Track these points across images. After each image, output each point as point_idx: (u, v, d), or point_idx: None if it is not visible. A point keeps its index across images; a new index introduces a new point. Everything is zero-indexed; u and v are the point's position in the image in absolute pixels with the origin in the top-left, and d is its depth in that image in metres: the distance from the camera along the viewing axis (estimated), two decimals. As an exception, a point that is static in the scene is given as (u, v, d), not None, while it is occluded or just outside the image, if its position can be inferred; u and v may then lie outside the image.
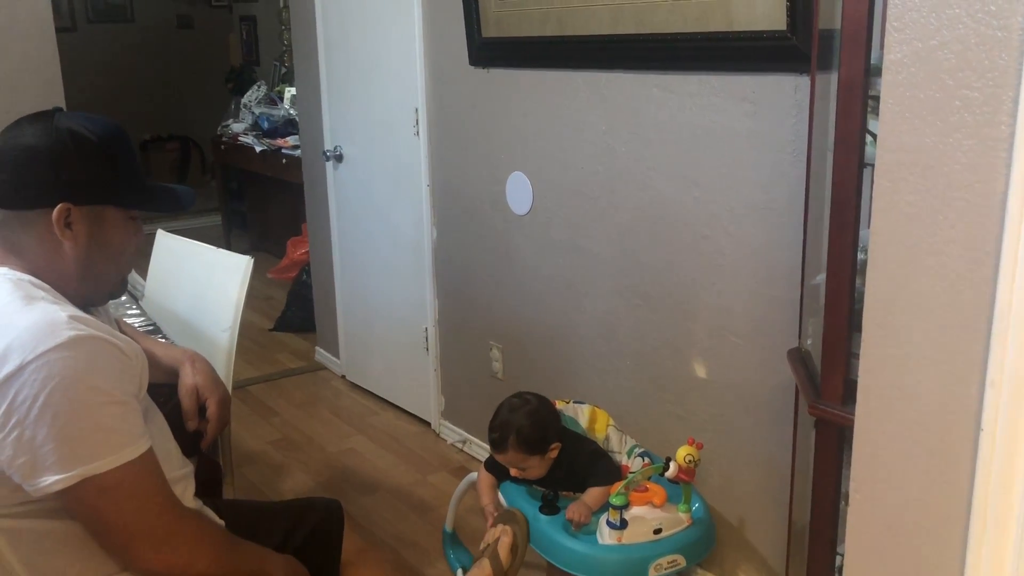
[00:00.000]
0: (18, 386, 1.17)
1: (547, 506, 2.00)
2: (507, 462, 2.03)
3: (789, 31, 1.83)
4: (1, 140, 1.33)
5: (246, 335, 4.44)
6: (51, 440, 1.17)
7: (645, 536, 1.89)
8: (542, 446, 2.00)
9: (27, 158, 1.30)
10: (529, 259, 2.75)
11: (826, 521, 1.58)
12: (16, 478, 1.19)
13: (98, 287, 1.42)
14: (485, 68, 2.76)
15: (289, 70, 5.53)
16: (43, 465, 1.18)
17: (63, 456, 1.18)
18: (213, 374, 1.68)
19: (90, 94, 5.96)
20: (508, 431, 2.00)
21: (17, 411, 1.17)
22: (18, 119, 1.35)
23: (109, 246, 1.38)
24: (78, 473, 1.18)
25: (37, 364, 1.17)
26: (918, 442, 1.05)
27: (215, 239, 5.51)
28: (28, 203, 1.30)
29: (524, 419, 2.01)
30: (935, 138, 0.97)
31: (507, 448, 2.00)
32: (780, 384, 2.03)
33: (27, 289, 1.28)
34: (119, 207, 1.38)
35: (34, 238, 1.31)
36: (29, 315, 1.22)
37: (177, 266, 2.36)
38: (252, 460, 3.20)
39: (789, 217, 1.95)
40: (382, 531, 2.72)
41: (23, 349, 1.18)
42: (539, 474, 2.04)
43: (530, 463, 2.01)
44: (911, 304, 1.02)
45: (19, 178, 1.30)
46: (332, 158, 3.65)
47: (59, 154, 1.30)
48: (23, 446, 1.17)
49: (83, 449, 1.19)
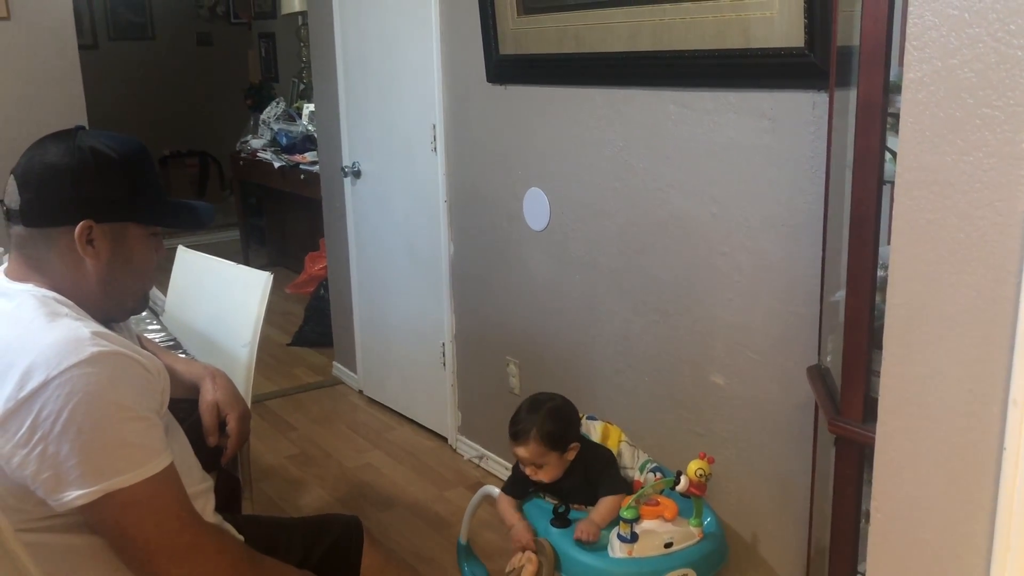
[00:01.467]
0: (42, 401, 1.18)
1: (558, 519, 2.00)
2: (525, 457, 2.02)
3: (807, 48, 1.84)
4: (25, 159, 1.34)
5: (264, 350, 4.44)
6: (74, 455, 1.18)
7: (656, 550, 1.89)
8: (562, 443, 2.00)
9: (50, 176, 1.31)
10: (546, 275, 2.75)
11: (846, 540, 1.57)
12: (40, 493, 1.20)
13: (120, 303, 1.43)
14: (502, 85, 2.78)
15: (307, 86, 5.58)
16: (66, 480, 1.19)
17: (86, 472, 1.19)
18: (234, 390, 1.69)
19: (111, 110, 6.03)
20: (531, 423, 2.00)
21: (41, 426, 1.18)
22: (41, 138, 1.37)
23: (131, 262, 1.39)
24: (100, 488, 1.19)
25: (61, 380, 1.18)
26: (940, 461, 1.04)
27: (234, 254, 5.56)
28: (51, 220, 1.32)
29: (548, 413, 2.02)
30: (955, 156, 0.97)
31: (528, 440, 2.00)
32: (799, 401, 2.02)
33: (51, 306, 1.29)
34: (140, 224, 1.39)
35: (57, 255, 1.33)
36: (53, 331, 1.24)
37: (197, 282, 2.38)
38: (270, 475, 3.21)
39: (807, 233, 1.95)
40: (399, 547, 2.71)
41: (47, 365, 1.19)
42: (554, 475, 2.03)
43: (548, 460, 2.01)
44: (932, 322, 1.02)
45: (43, 196, 1.31)
46: (350, 174, 3.67)
47: (81, 172, 1.32)
48: (47, 461, 1.18)
49: (106, 464, 1.20)
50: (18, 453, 1.18)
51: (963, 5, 0.94)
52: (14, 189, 1.32)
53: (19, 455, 1.18)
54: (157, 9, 7.46)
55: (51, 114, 3.33)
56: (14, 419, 1.18)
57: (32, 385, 1.18)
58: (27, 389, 1.18)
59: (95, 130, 1.40)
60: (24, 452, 1.18)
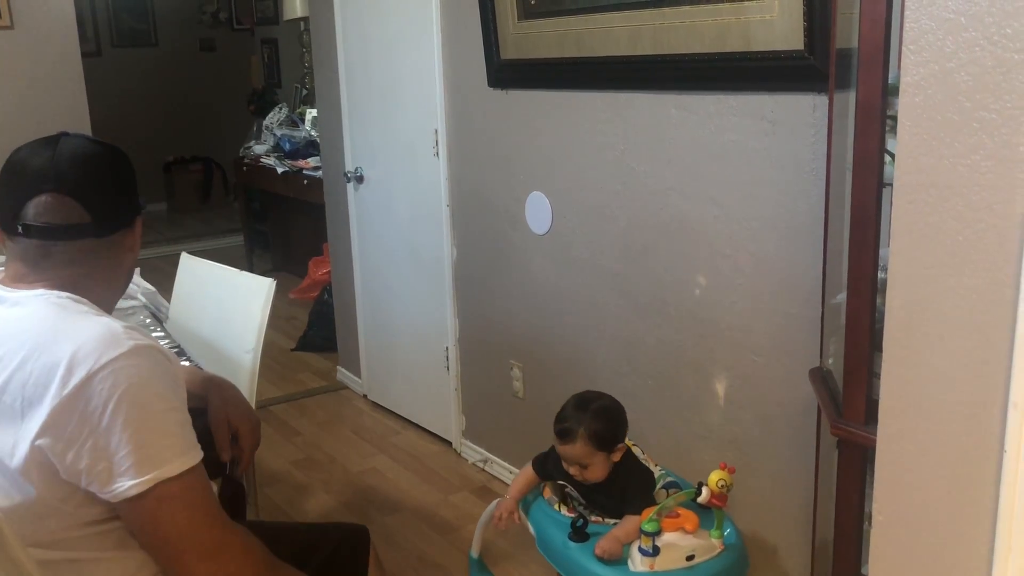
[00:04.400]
0: (88, 395, 1.19)
1: (576, 534, 1.96)
2: (572, 456, 1.96)
3: (807, 51, 1.84)
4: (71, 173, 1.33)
5: (268, 355, 4.45)
6: (124, 446, 1.20)
7: (678, 563, 1.83)
8: (610, 444, 1.95)
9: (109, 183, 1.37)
10: (549, 278, 2.75)
11: (849, 542, 1.57)
12: (94, 487, 1.22)
13: (122, 290, 1.49)
14: (504, 89, 2.78)
15: (310, 92, 5.59)
16: (119, 471, 1.20)
17: (137, 461, 1.20)
18: (242, 401, 1.69)
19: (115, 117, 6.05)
20: (579, 423, 1.93)
21: (90, 420, 1.19)
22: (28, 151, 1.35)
23: (135, 249, 1.46)
24: (152, 477, 1.21)
25: (104, 373, 1.20)
26: (941, 464, 1.04)
27: (237, 260, 5.57)
28: (122, 224, 1.39)
29: (596, 412, 1.95)
30: (953, 159, 0.98)
31: (575, 439, 1.93)
32: (802, 404, 2.02)
33: (72, 305, 1.31)
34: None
35: (111, 256, 1.38)
36: (87, 327, 1.26)
37: (201, 288, 2.39)
38: (275, 480, 3.22)
39: (809, 236, 1.95)
40: (404, 551, 2.72)
41: (88, 359, 1.20)
42: (600, 476, 1.97)
43: (595, 461, 1.95)
44: (932, 325, 1.02)
45: (111, 204, 1.37)
46: (353, 179, 3.68)
47: (125, 171, 1.40)
48: (99, 453, 1.20)
49: (154, 453, 1.22)
50: (71, 449, 1.20)
51: (959, 9, 0.94)
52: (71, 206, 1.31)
53: (72, 451, 1.20)
54: (160, 16, 7.48)
55: (54, 121, 3.34)
56: (63, 416, 1.20)
57: (76, 380, 1.20)
58: (72, 385, 1.19)
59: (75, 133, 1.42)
60: (77, 447, 1.20)
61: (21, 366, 1.23)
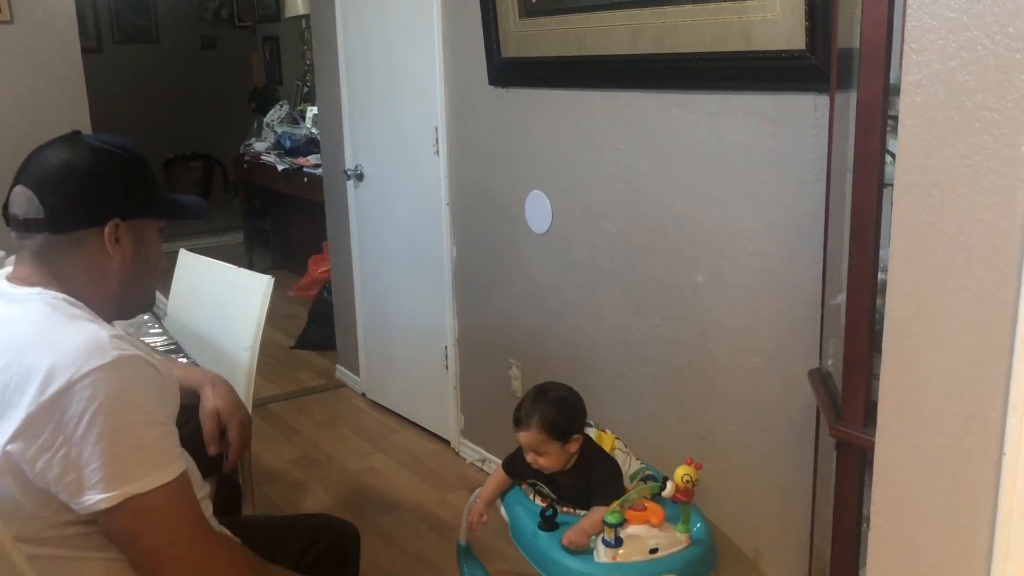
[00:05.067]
0: (65, 404, 1.17)
1: (546, 523, 2.00)
2: (527, 443, 2.02)
3: (808, 50, 1.83)
4: (35, 167, 1.34)
5: (267, 353, 4.45)
6: (96, 459, 1.18)
7: (641, 555, 1.88)
8: (565, 433, 2.00)
9: (71, 179, 1.32)
10: (548, 278, 2.75)
11: (848, 545, 1.56)
12: (63, 497, 1.20)
13: (137, 300, 1.45)
14: (504, 88, 2.78)
15: (311, 90, 5.58)
16: (88, 483, 1.18)
17: (107, 475, 1.18)
18: (234, 397, 1.69)
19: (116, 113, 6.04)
20: (535, 410, 2.00)
21: (64, 429, 1.17)
22: (40, 147, 1.37)
23: (149, 259, 1.42)
24: (121, 492, 1.19)
25: (84, 383, 1.18)
26: (940, 466, 1.03)
27: (237, 257, 5.56)
28: (80, 224, 1.33)
29: (552, 402, 2.02)
30: (954, 159, 0.97)
31: (530, 426, 2.00)
32: (801, 405, 2.01)
33: (65, 308, 1.29)
34: (155, 218, 1.42)
35: (82, 258, 1.34)
36: (73, 334, 1.24)
37: (199, 286, 2.38)
38: (272, 478, 3.21)
39: (809, 236, 1.94)
40: (401, 550, 2.71)
41: (69, 368, 1.18)
42: (556, 465, 2.02)
43: (549, 449, 2.00)
44: (931, 327, 1.01)
45: (68, 200, 1.32)
46: (353, 177, 3.68)
47: (101, 171, 1.34)
48: (70, 464, 1.18)
49: (126, 469, 1.20)
50: (42, 457, 1.18)
51: (961, 8, 0.94)
52: (29, 198, 1.31)
53: (43, 459, 1.18)
54: (162, 12, 7.48)
55: (53, 117, 3.34)
56: (37, 422, 1.18)
57: (55, 388, 1.18)
58: (50, 392, 1.18)
59: (91, 134, 1.40)
60: (48, 456, 1.18)
61: (5, 368, 1.21)
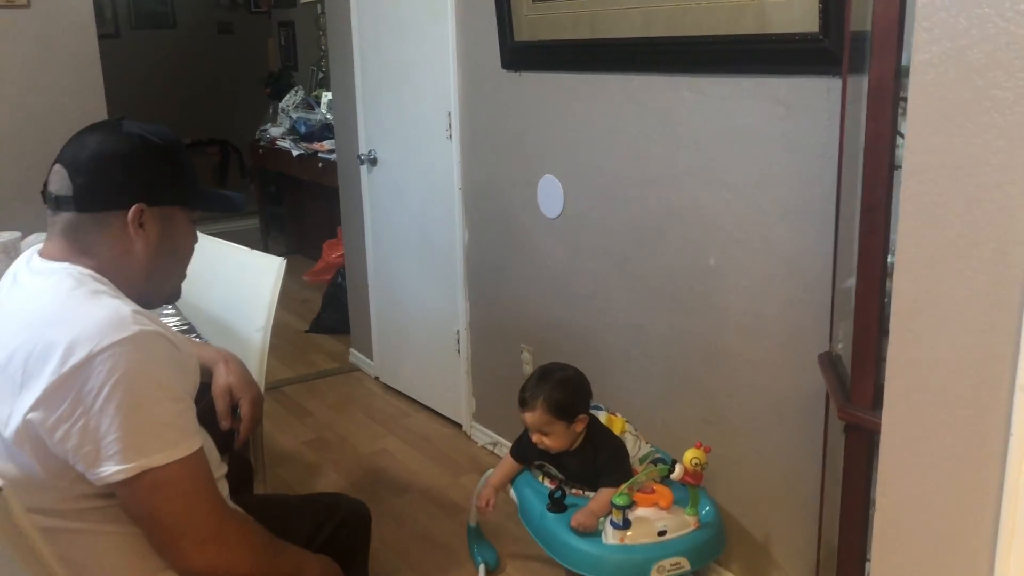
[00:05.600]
0: (85, 376, 1.20)
1: (554, 504, 2.01)
2: (532, 424, 2.04)
3: (822, 33, 1.82)
4: (72, 147, 1.37)
5: (282, 336, 4.49)
6: (114, 431, 1.20)
7: (649, 537, 1.90)
8: (569, 413, 2.01)
9: (103, 162, 1.35)
10: (560, 262, 2.75)
11: (856, 528, 1.56)
12: (80, 467, 1.22)
13: (160, 288, 1.47)
14: (517, 72, 2.77)
15: (326, 75, 5.58)
16: (105, 455, 1.21)
17: (124, 448, 1.21)
18: (246, 374, 1.71)
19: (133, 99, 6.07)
20: (539, 390, 2.02)
21: (84, 400, 1.20)
22: (84, 128, 1.40)
23: (176, 247, 1.44)
24: (137, 465, 1.21)
25: (104, 356, 1.20)
26: (946, 447, 1.03)
27: (253, 242, 5.57)
28: (104, 205, 1.35)
29: (557, 382, 2.03)
30: (964, 139, 0.96)
31: (535, 406, 2.01)
32: (811, 389, 2.01)
33: (89, 283, 1.32)
34: (185, 208, 1.44)
35: (107, 239, 1.36)
36: (95, 308, 1.26)
37: (211, 267, 2.39)
38: (286, 460, 3.24)
39: (822, 220, 1.93)
40: (413, 532, 2.73)
41: (90, 340, 1.21)
42: (561, 445, 2.03)
43: (554, 429, 2.01)
44: (939, 307, 1.01)
45: (96, 181, 1.34)
46: (366, 161, 3.68)
47: (132, 157, 1.36)
48: (88, 435, 1.20)
49: (143, 442, 1.22)
50: (61, 427, 1.20)
51: (972, -15, 0.93)
52: (63, 176, 1.34)
53: (62, 428, 1.20)
54: (178, -2, 7.49)
55: (70, 103, 3.36)
56: (58, 393, 1.20)
57: (75, 360, 1.20)
58: (70, 363, 1.20)
59: (135, 121, 1.42)
60: (67, 426, 1.20)
61: (28, 338, 1.24)
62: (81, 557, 1.28)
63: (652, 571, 1.88)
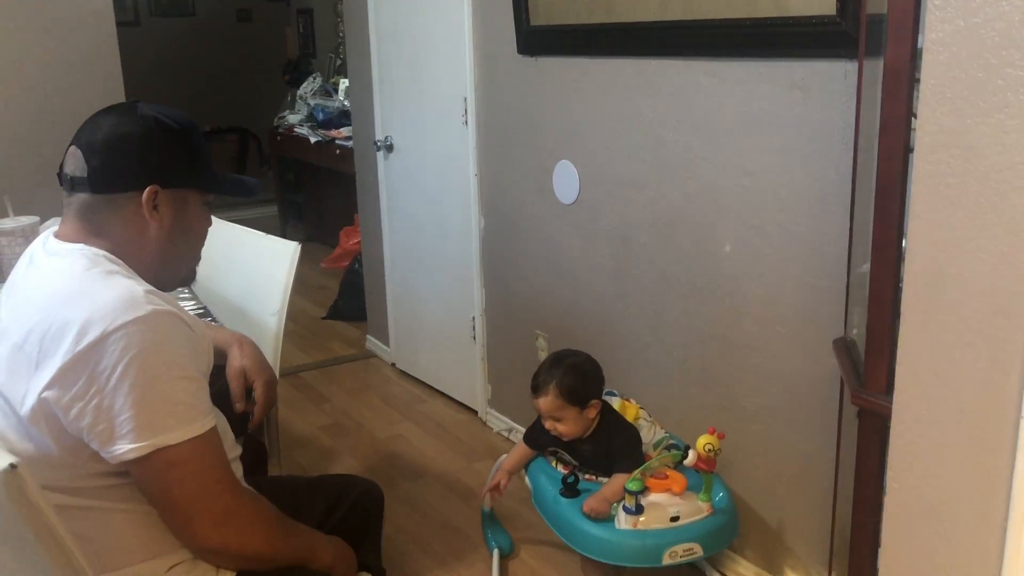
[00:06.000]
0: (99, 355, 1.21)
1: (568, 489, 2.01)
2: (545, 410, 2.04)
3: (839, 16, 1.80)
4: (88, 129, 1.38)
5: (300, 323, 4.52)
6: (127, 409, 1.21)
7: (661, 523, 1.90)
8: (581, 399, 2.02)
9: (117, 144, 1.35)
10: (575, 249, 2.74)
11: (869, 512, 1.56)
12: (95, 445, 1.24)
13: (175, 270, 1.47)
14: (533, 57, 2.76)
15: (344, 62, 5.59)
16: (119, 433, 1.22)
17: (138, 426, 1.22)
18: (260, 356, 1.72)
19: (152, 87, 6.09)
20: (551, 376, 2.03)
21: (98, 379, 1.21)
22: (100, 110, 1.41)
23: (190, 230, 1.45)
24: (150, 443, 1.23)
25: (118, 335, 1.21)
26: (957, 431, 1.03)
27: (272, 229, 5.57)
28: (119, 186, 1.36)
29: (569, 368, 2.04)
30: (977, 118, 0.95)
31: (547, 392, 2.02)
32: (826, 375, 2.00)
33: (103, 264, 1.33)
34: (200, 191, 1.45)
35: (121, 221, 1.37)
36: (109, 288, 1.27)
37: (227, 252, 2.41)
38: (302, 444, 3.26)
39: (838, 205, 1.92)
40: (428, 517, 2.74)
41: (104, 320, 1.22)
42: (573, 431, 2.04)
43: (567, 415, 2.02)
44: (951, 290, 1.00)
45: (110, 163, 1.35)
46: (383, 148, 3.69)
47: (147, 139, 1.37)
48: (102, 413, 1.22)
49: (156, 420, 1.23)
50: (76, 405, 1.22)
51: (986, -38, 0.92)
52: (79, 158, 1.35)
53: (76, 407, 1.22)
54: (198, -15, 7.51)
55: (90, 91, 3.38)
56: (72, 372, 1.21)
57: (89, 339, 1.21)
58: (84, 343, 1.21)
59: (151, 103, 1.43)
60: (81, 404, 1.22)
61: (43, 318, 1.25)
62: (96, 534, 1.30)
63: (664, 556, 1.89)
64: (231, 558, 1.35)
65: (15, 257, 1.46)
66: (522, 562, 2.49)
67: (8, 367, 1.28)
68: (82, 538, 1.26)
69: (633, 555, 1.91)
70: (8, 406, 1.28)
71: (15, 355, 1.27)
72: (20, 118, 3.29)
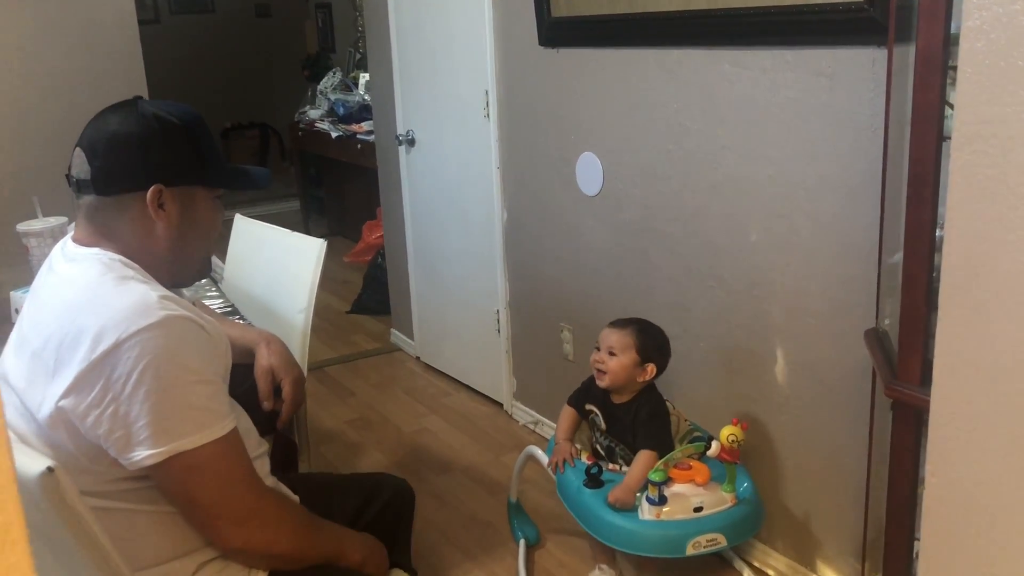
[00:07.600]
0: (114, 363, 1.21)
1: (591, 480, 2.02)
2: (612, 341, 2.11)
3: (867, 2, 1.78)
4: (90, 130, 1.38)
5: (324, 317, 4.53)
6: (144, 416, 1.22)
7: (685, 513, 1.90)
8: (647, 353, 2.10)
9: (119, 144, 1.34)
10: (599, 241, 2.73)
11: (903, 506, 1.54)
12: (112, 452, 1.24)
13: (187, 266, 1.47)
14: (555, 48, 2.75)
15: (364, 56, 5.59)
16: (136, 440, 1.22)
17: (155, 432, 1.22)
18: (288, 355, 1.72)
19: (174, 84, 6.13)
20: (637, 323, 2.16)
21: (113, 387, 1.21)
22: (102, 110, 1.40)
23: (199, 226, 1.43)
24: (168, 449, 1.23)
25: (132, 342, 1.21)
26: (996, 423, 1.01)
27: (294, 224, 5.61)
28: (123, 187, 1.35)
29: (657, 330, 2.17)
30: (1016, 107, 0.93)
31: (625, 327, 2.12)
32: (857, 366, 1.98)
33: (118, 269, 1.33)
34: (206, 187, 1.43)
35: (128, 221, 1.36)
36: (123, 295, 1.27)
37: (254, 250, 2.42)
38: (329, 439, 3.27)
39: (866, 194, 1.89)
40: (455, 510, 2.75)
41: (118, 328, 1.22)
42: (616, 377, 2.09)
43: (624, 358, 2.09)
44: (988, 281, 0.99)
45: (113, 163, 1.34)
46: (405, 142, 3.69)
47: (148, 138, 1.35)
48: (119, 421, 1.22)
49: (173, 426, 1.23)
50: (92, 413, 1.22)
51: (1025, -53, 0.90)
52: (82, 160, 1.35)
53: (93, 415, 1.22)
54: (217, -18, 7.54)
55: (112, 89, 3.39)
56: (88, 380, 1.22)
57: (104, 347, 1.21)
58: (99, 351, 1.21)
59: (153, 100, 1.43)
60: (97, 412, 1.22)
61: (60, 326, 1.25)
62: (122, 534, 1.31)
63: (688, 547, 1.88)
64: (257, 557, 1.35)
65: (44, 258, 1.47)
66: (548, 553, 2.50)
67: (28, 375, 1.29)
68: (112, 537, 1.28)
69: (656, 545, 1.91)
70: (29, 413, 1.29)
71: (34, 363, 1.28)
72: (47, 119, 3.32)
